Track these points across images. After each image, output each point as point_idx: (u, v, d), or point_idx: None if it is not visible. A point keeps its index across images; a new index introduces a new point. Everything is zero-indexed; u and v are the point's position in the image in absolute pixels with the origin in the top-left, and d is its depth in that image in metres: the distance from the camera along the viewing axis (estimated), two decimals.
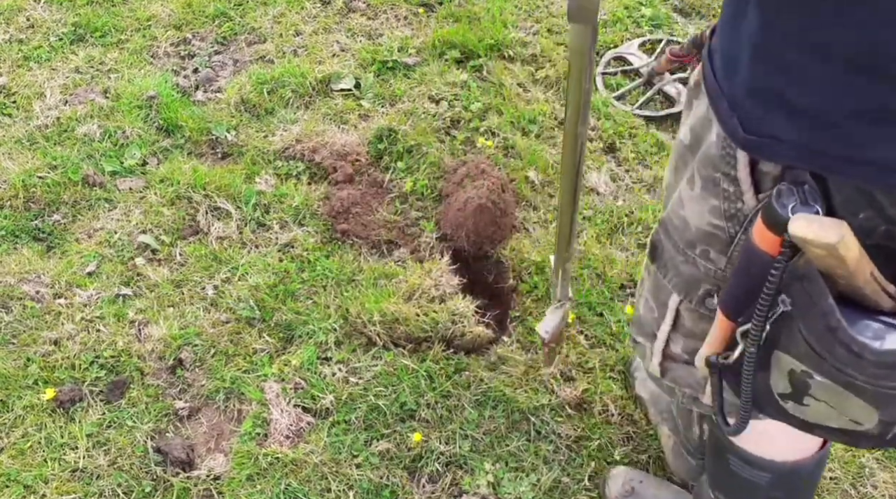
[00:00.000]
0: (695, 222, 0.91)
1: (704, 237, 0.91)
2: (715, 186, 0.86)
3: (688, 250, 0.94)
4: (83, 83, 2.56)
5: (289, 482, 1.61)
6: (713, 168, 0.86)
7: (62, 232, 2.11)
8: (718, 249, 0.90)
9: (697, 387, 1.06)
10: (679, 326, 1.02)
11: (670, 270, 0.98)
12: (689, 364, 1.04)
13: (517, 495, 1.60)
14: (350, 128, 2.39)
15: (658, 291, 1.03)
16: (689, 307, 0.98)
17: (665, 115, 2.42)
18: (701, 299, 0.96)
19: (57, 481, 1.62)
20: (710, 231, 0.90)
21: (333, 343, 1.84)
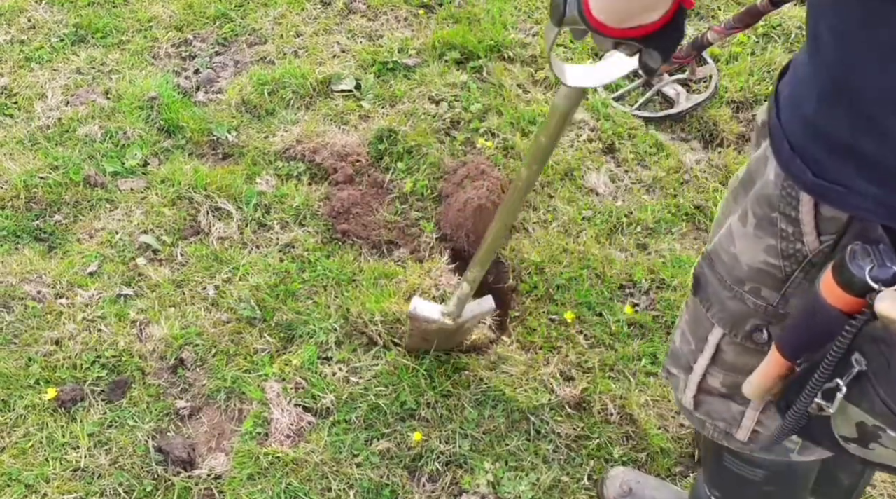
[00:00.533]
0: (746, 260, 0.91)
1: (756, 275, 0.90)
2: (772, 226, 0.86)
3: (735, 286, 0.93)
4: (84, 84, 2.56)
5: (289, 482, 1.62)
6: (769, 207, 0.85)
7: (63, 232, 2.12)
8: (772, 286, 0.90)
9: (732, 422, 1.06)
10: (719, 359, 1.01)
11: (714, 304, 0.97)
12: (725, 398, 1.04)
13: (517, 495, 1.61)
14: (350, 128, 2.40)
15: (697, 324, 1.02)
16: (733, 341, 0.98)
17: (664, 117, 2.43)
18: (748, 334, 0.95)
19: (58, 481, 1.62)
20: (764, 269, 0.89)
21: (334, 343, 1.85)
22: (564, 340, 1.87)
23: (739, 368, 0.99)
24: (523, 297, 1.97)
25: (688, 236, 2.12)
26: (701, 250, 2.07)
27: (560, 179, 2.25)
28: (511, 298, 2.00)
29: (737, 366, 0.99)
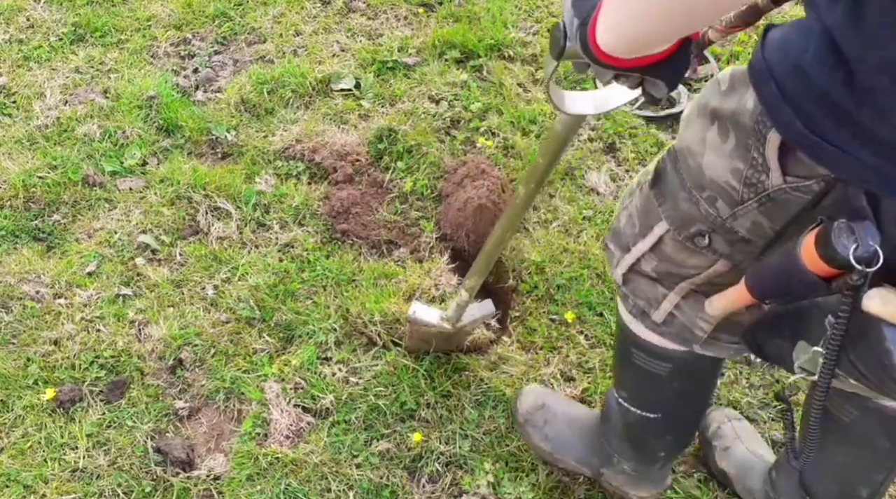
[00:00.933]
0: (711, 173, 0.93)
1: (717, 188, 0.93)
2: (746, 152, 0.87)
3: (694, 191, 0.96)
4: (83, 83, 2.55)
5: (289, 482, 1.61)
6: (746, 134, 0.86)
7: (62, 232, 2.11)
8: (727, 201, 0.92)
9: (653, 302, 1.13)
10: (657, 250, 1.07)
11: (668, 201, 1.02)
12: (653, 281, 1.11)
13: (517, 495, 1.60)
14: (350, 128, 2.40)
15: (647, 214, 1.07)
16: (675, 238, 1.03)
17: (665, 116, 2.41)
18: (691, 236, 1.00)
19: (57, 481, 1.62)
20: (724, 187, 0.92)
21: (333, 343, 1.84)
22: (565, 340, 1.87)
23: (673, 261, 1.06)
24: (524, 297, 1.96)
25: None
26: None
27: (560, 178, 2.24)
28: (511, 298, 1.99)
29: (672, 259, 1.06)
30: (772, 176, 0.85)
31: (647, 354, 1.22)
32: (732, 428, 1.63)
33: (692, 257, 1.02)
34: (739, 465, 1.58)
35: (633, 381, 1.32)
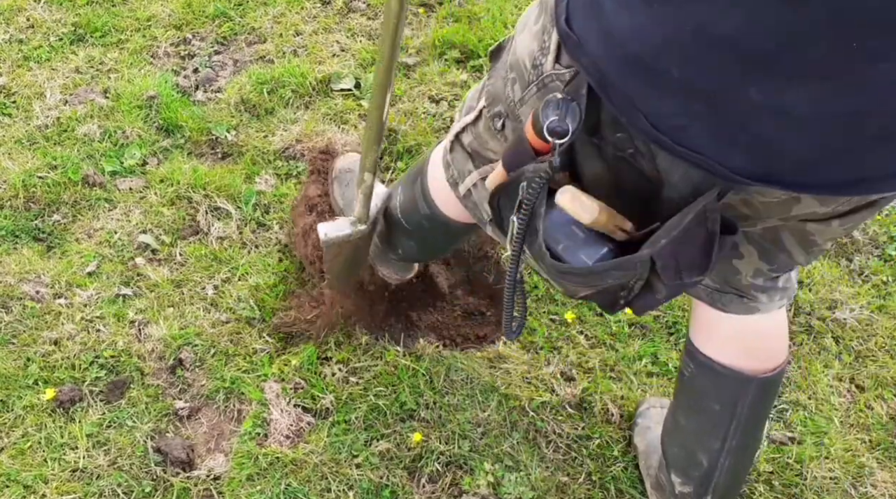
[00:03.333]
0: (518, 51, 0.97)
1: (517, 69, 0.97)
2: (542, 33, 0.92)
3: (508, 70, 1.01)
4: (83, 83, 2.56)
5: (289, 482, 1.61)
6: (550, 18, 0.89)
7: (62, 232, 2.11)
8: (521, 84, 0.97)
9: (460, 176, 1.22)
10: (475, 125, 1.14)
11: (493, 76, 1.08)
12: (467, 156, 1.19)
13: (517, 495, 1.60)
14: (350, 128, 2.39)
15: (481, 87, 1.13)
16: (485, 115, 1.09)
17: None
18: (493, 116, 1.06)
19: (57, 481, 1.62)
20: (521, 68, 0.96)
21: (333, 343, 1.84)
22: (565, 340, 1.87)
23: (481, 140, 1.14)
24: None
25: None
26: None
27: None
28: None
29: (481, 137, 1.13)
30: (547, 60, 0.89)
31: (430, 215, 1.39)
32: (658, 413, 1.68)
33: (492, 140, 1.10)
34: (648, 445, 1.64)
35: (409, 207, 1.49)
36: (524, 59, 0.95)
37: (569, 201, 0.86)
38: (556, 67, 0.88)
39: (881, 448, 1.69)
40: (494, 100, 1.05)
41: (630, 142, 0.83)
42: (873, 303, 1.94)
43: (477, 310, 2.05)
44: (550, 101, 0.82)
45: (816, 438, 1.70)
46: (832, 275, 1.98)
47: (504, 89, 1.01)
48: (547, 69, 0.89)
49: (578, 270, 0.87)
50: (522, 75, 0.95)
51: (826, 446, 1.69)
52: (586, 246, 0.87)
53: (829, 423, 1.73)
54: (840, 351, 1.86)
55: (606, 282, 0.88)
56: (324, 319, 1.86)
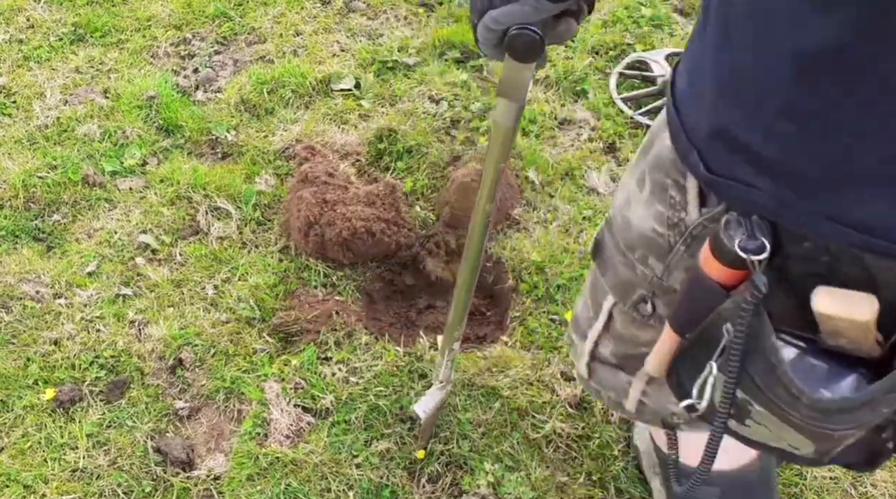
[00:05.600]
0: (637, 225, 0.90)
1: (645, 242, 0.90)
2: (663, 192, 0.85)
3: (627, 252, 0.93)
4: (83, 83, 2.55)
5: (289, 482, 1.61)
6: (664, 173, 0.84)
7: (62, 232, 2.11)
8: (657, 255, 0.89)
9: (621, 392, 1.06)
10: (611, 328, 1.01)
11: (609, 270, 0.97)
12: (614, 368, 1.04)
13: (517, 495, 1.60)
14: (350, 128, 2.40)
15: (596, 290, 1.03)
16: (622, 310, 0.97)
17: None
18: (634, 304, 0.94)
19: (57, 481, 1.61)
20: (652, 237, 0.88)
21: (333, 343, 1.84)
22: (565, 340, 1.86)
23: (627, 339, 0.99)
24: (523, 297, 1.96)
25: None
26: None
27: (560, 178, 2.24)
28: (511, 299, 1.99)
29: (624, 337, 0.99)
30: (689, 211, 0.82)
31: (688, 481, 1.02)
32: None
33: (642, 331, 0.96)
34: (649, 445, 1.59)
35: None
36: (650, 227, 0.87)
37: (831, 303, 0.68)
38: (703, 212, 0.81)
39: None
40: (626, 289, 0.95)
41: (823, 249, 0.71)
42: None
43: (477, 310, 2.05)
44: (730, 220, 0.72)
45: None
46: None
47: (634, 272, 0.92)
48: (692, 219, 0.82)
49: (850, 401, 0.68)
50: (655, 244, 0.88)
51: None
52: (835, 375, 0.71)
53: None
54: None
55: (880, 413, 0.70)
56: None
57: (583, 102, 2.49)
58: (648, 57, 2.53)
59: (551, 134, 2.37)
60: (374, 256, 2.01)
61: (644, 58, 2.53)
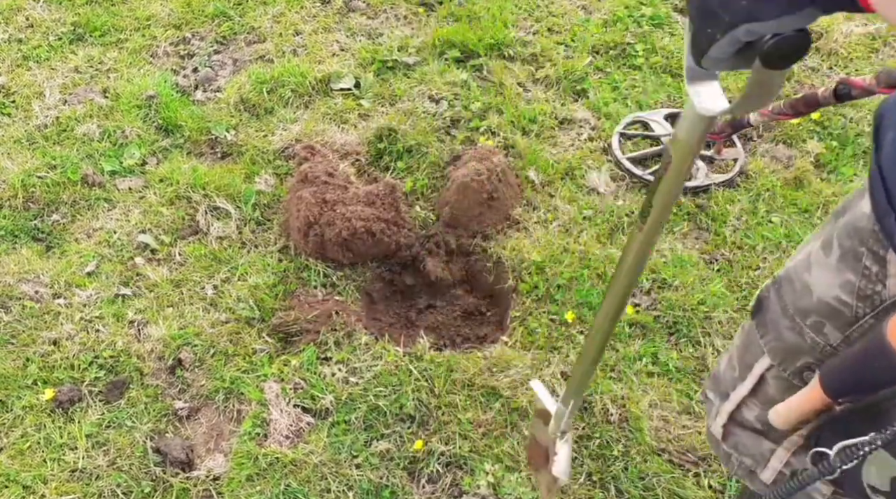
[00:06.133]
0: (819, 291, 0.85)
1: (824, 309, 0.85)
2: (856, 261, 0.80)
3: (797, 317, 0.88)
4: (82, 83, 2.55)
5: (288, 483, 1.61)
6: (859, 241, 0.80)
7: (61, 232, 2.11)
8: (837, 325, 0.84)
9: (760, 460, 1.00)
10: (760, 392, 0.96)
11: (770, 332, 0.92)
12: (757, 433, 0.98)
13: (517, 496, 1.60)
14: (350, 127, 2.39)
15: (747, 350, 0.97)
16: (779, 375, 0.92)
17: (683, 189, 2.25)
18: (798, 371, 0.90)
19: (56, 482, 1.61)
20: (834, 305, 0.84)
21: (333, 343, 1.84)
22: (565, 340, 1.86)
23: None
24: (524, 297, 1.96)
25: (689, 236, 2.10)
26: (703, 250, 2.06)
27: (560, 178, 2.24)
28: (511, 298, 1.99)
29: (776, 402, 0.92)
30: (889, 284, 0.77)
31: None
32: None
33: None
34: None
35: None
36: (833, 295, 0.83)
37: None
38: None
39: None
40: (790, 355, 0.90)
41: None
42: None
43: (477, 310, 2.05)
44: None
45: None
46: None
47: (803, 339, 0.87)
48: (893, 292, 0.77)
49: None
50: (837, 314, 0.83)
51: None
52: None
53: None
54: None
55: None
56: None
57: (583, 102, 2.48)
58: (647, 117, 2.40)
59: (551, 134, 2.37)
60: (374, 256, 2.01)
61: (643, 118, 2.40)
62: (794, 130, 2.36)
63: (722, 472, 1.63)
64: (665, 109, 2.43)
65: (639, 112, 2.43)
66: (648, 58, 2.62)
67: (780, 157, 2.30)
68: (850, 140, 2.33)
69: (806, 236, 0.97)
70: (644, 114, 2.41)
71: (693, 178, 2.20)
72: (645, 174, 2.23)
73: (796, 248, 0.92)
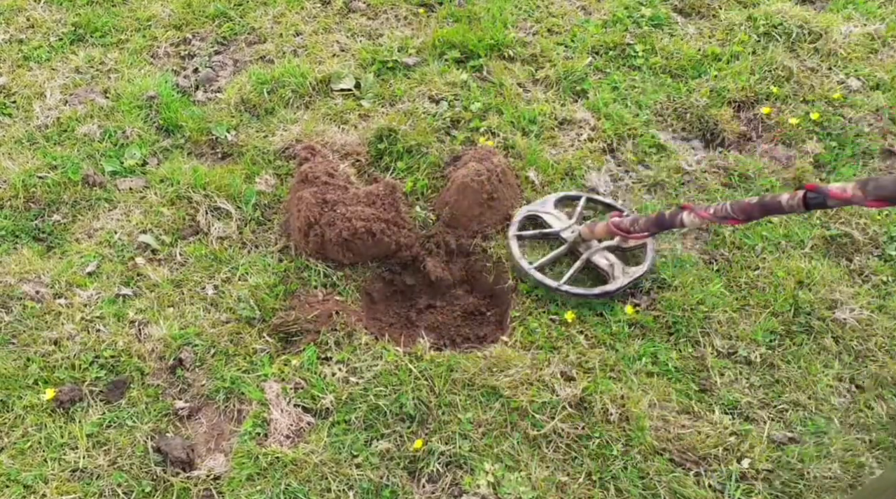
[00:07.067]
0: None
1: None
2: None
3: None
4: (83, 83, 2.55)
5: (289, 482, 1.61)
6: None
7: (62, 232, 2.11)
8: None
9: None
10: None
11: None
12: None
13: (517, 495, 1.60)
14: (350, 128, 2.40)
15: None
16: None
17: (600, 294, 1.90)
18: None
19: (57, 481, 1.61)
20: None
21: (333, 343, 1.84)
22: (565, 340, 1.86)
23: None
24: (524, 297, 1.96)
25: (689, 237, 2.11)
26: (703, 250, 2.06)
27: (560, 178, 2.24)
28: (511, 298, 1.99)
29: None
30: None
31: None
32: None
33: None
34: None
35: None
36: None
37: None
38: None
39: (881, 448, 1.69)
40: None
41: None
42: (873, 303, 1.93)
43: (477, 310, 2.05)
44: None
45: (816, 437, 1.70)
46: (832, 275, 1.98)
47: None
48: None
49: None
50: None
51: (826, 445, 1.69)
52: None
53: (828, 423, 1.73)
54: (840, 351, 1.86)
55: None
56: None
57: (583, 102, 2.48)
58: (538, 210, 2.09)
59: (551, 134, 2.37)
60: (374, 256, 2.01)
61: (534, 212, 2.09)
62: (794, 131, 2.37)
63: (722, 471, 1.64)
64: (553, 195, 2.13)
65: (527, 206, 2.11)
66: (648, 58, 2.63)
67: (780, 157, 2.31)
68: (849, 140, 2.33)
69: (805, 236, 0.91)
70: (535, 206, 2.10)
71: (612, 279, 1.93)
72: (561, 286, 1.91)
73: (795, 248, 0.88)
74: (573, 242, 2.01)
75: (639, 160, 2.31)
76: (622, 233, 1.84)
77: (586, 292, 1.91)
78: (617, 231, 1.85)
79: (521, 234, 2.06)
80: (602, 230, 1.91)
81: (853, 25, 2.70)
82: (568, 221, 2.06)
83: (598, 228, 1.93)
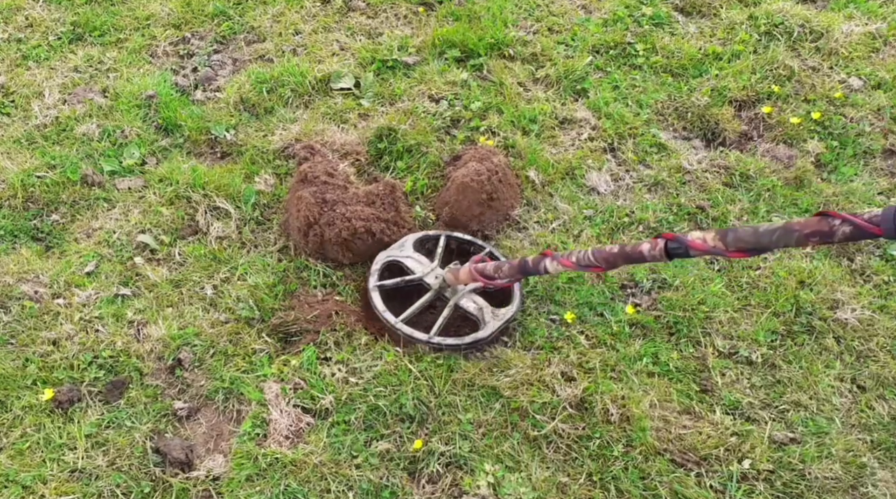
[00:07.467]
0: None
1: None
2: None
3: None
4: (82, 82, 2.55)
5: (288, 483, 1.61)
6: None
7: (61, 232, 2.11)
8: None
9: None
10: None
11: None
12: None
13: (517, 496, 1.60)
14: (350, 127, 2.39)
15: None
16: None
17: (472, 343, 1.83)
18: None
19: (55, 482, 1.61)
20: None
21: (333, 343, 1.84)
22: (565, 340, 1.86)
23: None
24: (523, 297, 1.96)
25: None
26: None
27: (561, 178, 2.24)
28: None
29: None
30: None
31: None
32: None
33: None
34: None
35: None
36: None
37: None
38: None
39: (882, 448, 1.69)
40: None
41: None
42: (875, 303, 1.93)
43: None
44: None
45: (818, 438, 1.70)
46: (834, 275, 1.98)
47: None
48: None
49: None
50: None
51: (827, 446, 1.68)
52: None
53: (830, 423, 1.72)
54: (841, 351, 1.85)
55: None
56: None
57: (583, 101, 2.48)
58: (397, 255, 1.99)
59: (552, 133, 2.36)
60: (374, 256, 2.01)
61: (393, 258, 1.99)
62: (795, 130, 2.36)
63: (723, 472, 1.63)
64: (411, 236, 2.03)
65: (385, 252, 2.00)
66: (649, 57, 2.62)
67: (781, 156, 2.30)
68: (850, 140, 2.33)
69: None
70: (394, 251, 2.00)
71: (483, 323, 1.86)
72: (432, 338, 1.83)
73: (796, 248, 0.87)
74: (439, 290, 1.92)
75: (639, 160, 2.30)
76: (486, 281, 1.74)
77: (459, 343, 1.83)
78: (480, 278, 1.75)
79: (383, 283, 1.93)
80: (465, 276, 1.81)
81: (854, 24, 2.69)
82: (430, 264, 1.96)
83: (461, 273, 1.82)
